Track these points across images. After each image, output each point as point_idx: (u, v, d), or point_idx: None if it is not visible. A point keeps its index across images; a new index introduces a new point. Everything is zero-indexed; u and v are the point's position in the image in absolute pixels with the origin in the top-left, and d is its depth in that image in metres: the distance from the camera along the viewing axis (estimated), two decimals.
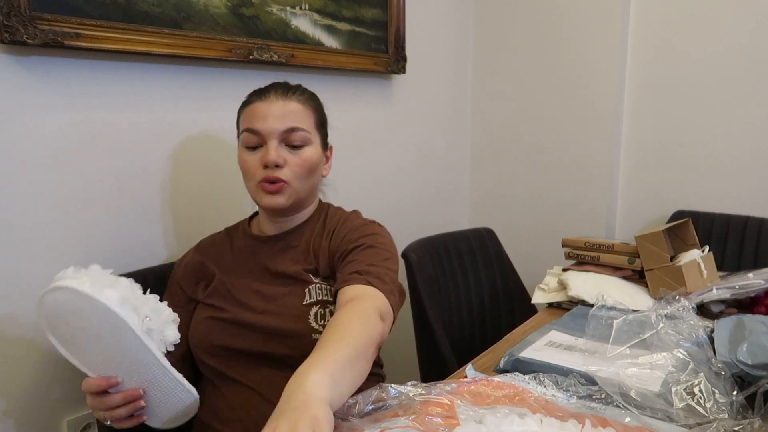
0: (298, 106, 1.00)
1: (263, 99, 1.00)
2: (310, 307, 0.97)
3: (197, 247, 1.13)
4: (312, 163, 1.01)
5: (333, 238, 1.03)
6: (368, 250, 0.97)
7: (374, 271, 0.93)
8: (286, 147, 0.99)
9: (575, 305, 1.30)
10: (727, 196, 1.88)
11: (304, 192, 1.03)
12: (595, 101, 2.00)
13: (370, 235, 1.01)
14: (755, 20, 1.77)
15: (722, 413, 0.77)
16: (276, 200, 0.99)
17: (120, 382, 0.81)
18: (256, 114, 0.99)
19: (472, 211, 2.34)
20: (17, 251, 1.07)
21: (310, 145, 1.01)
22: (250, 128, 0.99)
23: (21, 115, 1.06)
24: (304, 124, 1.00)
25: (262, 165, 0.98)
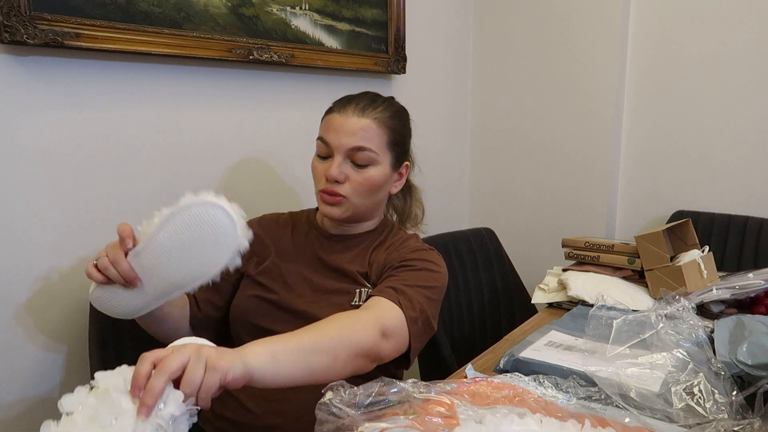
0: (371, 125, 1.00)
1: (341, 111, 1.01)
2: (355, 308, 0.96)
3: (260, 220, 1.14)
4: (374, 183, 1.01)
5: (390, 251, 1.04)
6: (416, 272, 0.98)
7: (409, 293, 0.92)
8: (351, 163, 1.00)
9: (575, 305, 1.30)
10: (727, 196, 1.88)
11: (364, 207, 1.04)
12: (595, 101, 2.00)
13: (425, 261, 1.01)
14: (755, 20, 1.77)
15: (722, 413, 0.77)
16: (332, 211, 1.01)
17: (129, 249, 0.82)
18: (331, 125, 1.01)
19: (472, 211, 2.34)
20: (17, 251, 1.07)
21: (376, 165, 1.01)
22: (322, 138, 1.01)
23: (21, 115, 1.06)
24: (372, 144, 1.00)
25: (325, 176, 1.00)
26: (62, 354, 1.15)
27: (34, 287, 1.10)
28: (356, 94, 1.06)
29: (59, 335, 1.15)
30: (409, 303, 0.91)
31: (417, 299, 0.92)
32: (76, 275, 1.15)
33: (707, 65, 1.86)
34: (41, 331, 1.12)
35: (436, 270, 1.01)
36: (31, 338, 1.11)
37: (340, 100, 1.04)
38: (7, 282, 1.07)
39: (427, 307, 0.94)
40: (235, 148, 1.42)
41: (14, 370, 1.09)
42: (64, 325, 1.15)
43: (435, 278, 0.99)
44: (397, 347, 0.88)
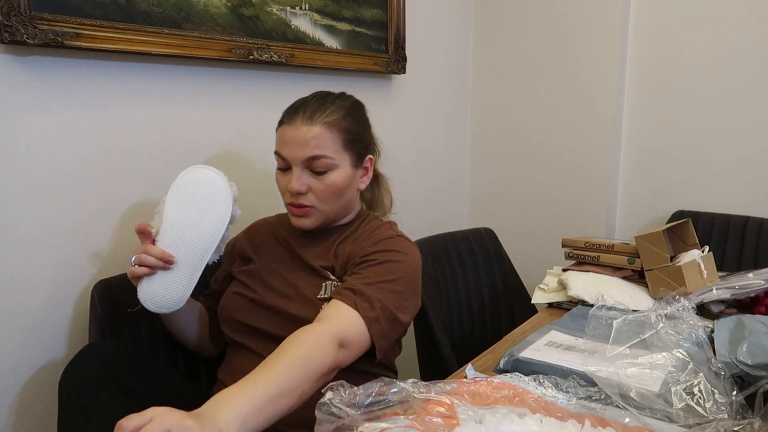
0: (322, 131, 0.99)
1: (290, 123, 1.00)
2: (323, 301, 1.00)
3: (247, 229, 1.19)
4: (337, 187, 1.01)
5: (355, 243, 1.04)
6: (377, 267, 0.97)
7: (368, 292, 0.92)
8: (310, 172, 1.00)
9: (575, 305, 1.30)
10: (727, 196, 1.88)
11: (334, 211, 1.05)
12: (595, 101, 2.00)
13: (388, 252, 1.00)
14: (755, 20, 1.77)
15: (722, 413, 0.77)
16: (302, 222, 1.03)
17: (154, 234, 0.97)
18: (283, 138, 1.01)
19: (472, 210, 2.34)
20: (17, 250, 1.07)
21: (335, 169, 1.01)
22: (277, 152, 1.02)
23: (21, 115, 1.06)
24: (326, 151, 0.99)
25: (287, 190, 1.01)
26: (62, 354, 1.15)
27: (34, 287, 1.10)
28: (304, 99, 1.04)
29: (59, 336, 1.15)
30: (368, 303, 0.90)
31: (377, 296, 0.92)
32: (77, 275, 1.15)
33: (707, 65, 1.86)
34: (41, 332, 1.12)
35: (401, 259, 1.00)
36: (30, 339, 1.11)
37: (288, 109, 1.03)
38: (7, 282, 1.07)
39: (390, 302, 0.93)
40: (235, 148, 1.42)
41: (13, 371, 1.09)
42: (65, 326, 1.15)
43: (400, 268, 0.98)
44: (357, 351, 0.89)
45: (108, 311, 1.09)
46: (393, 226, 1.11)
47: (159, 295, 0.97)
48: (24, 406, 1.11)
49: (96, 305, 1.08)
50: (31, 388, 1.11)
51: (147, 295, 0.97)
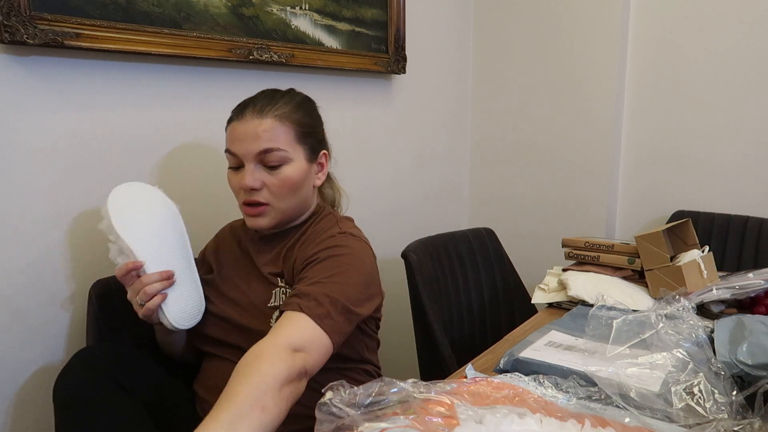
0: (274, 123, 0.96)
1: (240, 119, 0.97)
2: (273, 310, 0.99)
3: (216, 236, 1.17)
4: (292, 182, 0.98)
5: (302, 248, 1.01)
6: (319, 265, 0.93)
7: (313, 291, 0.88)
8: (264, 167, 0.97)
9: (575, 305, 1.30)
10: (727, 196, 1.88)
11: (290, 209, 1.02)
12: (595, 101, 2.00)
13: (331, 248, 0.96)
14: (754, 20, 1.77)
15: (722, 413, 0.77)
16: (258, 222, 1.00)
17: (143, 264, 0.93)
18: (233, 135, 0.98)
19: (472, 211, 2.34)
20: (16, 250, 1.07)
21: (289, 163, 0.98)
22: (228, 149, 0.99)
23: (21, 115, 1.06)
24: (279, 143, 0.96)
25: (240, 187, 0.98)
26: (60, 355, 1.15)
27: (33, 287, 1.10)
28: (251, 97, 1.01)
29: (57, 336, 1.15)
30: (314, 302, 0.87)
31: (322, 292, 0.88)
32: (76, 275, 1.15)
33: (707, 65, 1.86)
34: (39, 332, 1.12)
35: (344, 252, 0.96)
36: (28, 339, 1.11)
37: (238, 106, 1.00)
38: (6, 282, 1.07)
39: (338, 295, 0.89)
40: None
41: (11, 372, 1.09)
42: (62, 326, 1.15)
43: (344, 261, 0.94)
44: (320, 351, 0.85)
45: (106, 311, 1.09)
46: (343, 223, 1.06)
47: (186, 308, 0.98)
48: (22, 406, 1.11)
49: (93, 305, 1.08)
50: (29, 388, 1.11)
51: (175, 315, 0.96)
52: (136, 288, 0.93)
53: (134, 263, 0.92)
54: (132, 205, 0.95)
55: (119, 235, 0.92)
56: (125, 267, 0.92)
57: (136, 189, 0.98)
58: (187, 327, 0.99)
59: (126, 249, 0.92)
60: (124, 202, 0.94)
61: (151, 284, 0.92)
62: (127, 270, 0.92)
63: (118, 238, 0.92)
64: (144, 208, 0.97)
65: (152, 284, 0.92)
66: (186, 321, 0.99)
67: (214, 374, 1.02)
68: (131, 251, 0.92)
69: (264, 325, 0.97)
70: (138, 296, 0.93)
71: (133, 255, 0.92)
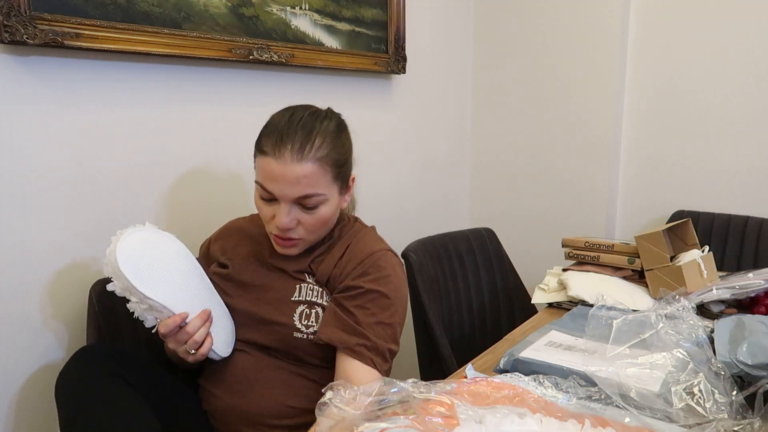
0: (313, 168, 0.92)
1: (277, 158, 0.91)
2: (297, 304, 1.00)
3: (220, 233, 1.16)
4: (326, 219, 0.99)
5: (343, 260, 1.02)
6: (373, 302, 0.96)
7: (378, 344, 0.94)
8: (300, 207, 0.95)
9: (575, 305, 1.30)
10: (727, 196, 1.88)
11: (319, 238, 1.03)
12: (595, 102, 2.00)
13: (378, 280, 0.98)
14: (752, 23, 1.77)
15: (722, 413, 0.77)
16: (288, 251, 1.01)
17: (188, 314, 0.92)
18: (269, 173, 0.93)
19: (472, 211, 2.34)
20: (16, 250, 1.07)
21: (325, 203, 0.97)
22: (263, 186, 0.95)
23: (21, 115, 1.06)
24: (318, 188, 0.94)
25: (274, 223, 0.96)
26: (60, 355, 1.15)
27: (33, 288, 1.10)
28: (285, 128, 0.93)
29: (57, 336, 1.15)
30: (381, 357, 0.94)
31: (383, 344, 0.95)
32: (76, 276, 1.15)
33: (707, 66, 1.86)
34: (39, 333, 1.12)
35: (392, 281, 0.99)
36: (28, 339, 1.11)
37: (271, 138, 0.93)
38: (6, 282, 1.07)
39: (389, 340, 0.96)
40: (235, 148, 1.42)
41: (11, 372, 1.09)
42: (62, 326, 1.15)
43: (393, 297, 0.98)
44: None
45: (106, 311, 1.09)
46: (374, 233, 1.09)
47: (227, 338, 1.00)
48: (22, 407, 1.11)
49: (94, 305, 1.08)
50: (30, 389, 1.11)
51: (220, 348, 0.98)
52: (182, 339, 0.92)
53: (181, 318, 0.91)
54: (143, 260, 0.91)
55: (148, 297, 0.88)
56: (173, 324, 0.90)
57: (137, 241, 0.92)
58: (229, 353, 1.01)
59: (158, 307, 0.90)
60: (135, 260, 0.89)
61: (197, 332, 0.92)
62: (176, 326, 0.91)
63: (145, 298, 0.89)
64: (156, 258, 0.93)
65: (198, 332, 0.93)
66: (229, 348, 1.00)
67: (223, 368, 1.02)
68: (165, 308, 0.90)
69: (287, 318, 0.98)
70: (187, 346, 0.93)
71: (168, 311, 0.91)
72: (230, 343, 1.01)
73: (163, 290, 0.91)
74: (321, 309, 1.00)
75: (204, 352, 0.94)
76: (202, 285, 0.99)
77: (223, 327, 1.00)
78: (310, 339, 0.97)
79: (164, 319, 0.91)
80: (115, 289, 0.89)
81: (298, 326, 0.98)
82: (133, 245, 0.90)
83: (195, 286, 0.97)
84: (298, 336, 0.98)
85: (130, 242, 0.90)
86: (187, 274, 0.97)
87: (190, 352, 0.93)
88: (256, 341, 1.01)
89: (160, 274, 0.92)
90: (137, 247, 0.91)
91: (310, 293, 1.01)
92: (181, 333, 0.92)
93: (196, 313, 0.94)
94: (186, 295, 0.94)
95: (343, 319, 0.95)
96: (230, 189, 1.41)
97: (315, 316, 0.99)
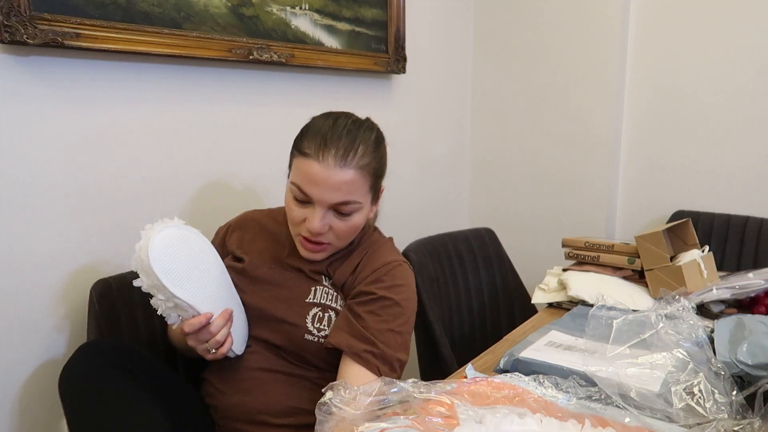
0: (355, 175, 0.93)
1: (321, 161, 0.91)
2: (311, 306, 1.00)
3: (238, 224, 1.15)
4: (357, 226, 0.99)
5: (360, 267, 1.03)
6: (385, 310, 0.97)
7: (386, 353, 0.94)
8: (334, 212, 0.95)
9: (575, 305, 1.30)
10: (727, 196, 1.88)
11: (345, 246, 1.03)
12: (595, 102, 2.00)
13: (391, 288, 0.99)
14: (752, 24, 1.77)
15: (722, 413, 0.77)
16: (314, 256, 1.01)
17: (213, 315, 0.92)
18: (310, 176, 0.92)
19: (472, 211, 2.34)
20: (17, 251, 1.07)
21: (359, 211, 0.97)
22: (301, 188, 0.94)
23: (21, 115, 1.06)
24: (356, 196, 0.95)
25: (306, 226, 0.96)
26: (61, 354, 1.15)
27: (33, 287, 1.10)
28: (330, 132, 0.94)
29: (58, 336, 1.15)
30: (388, 366, 0.94)
31: (391, 354, 0.94)
32: (76, 275, 1.15)
33: (706, 66, 1.86)
34: (40, 332, 1.12)
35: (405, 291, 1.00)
36: (29, 339, 1.11)
37: (315, 142, 0.93)
38: (6, 282, 1.07)
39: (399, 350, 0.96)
40: (235, 148, 1.42)
41: (12, 371, 1.09)
42: (63, 326, 1.15)
43: (406, 306, 0.99)
44: None
45: (106, 311, 1.09)
46: (392, 244, 1.10)
47: (243, 337, 1.01)
48: (23, 406, 1.11)
49: (95, 305, 1.08)
50: (30, 388, 1.11)
51: (237, 346, 0.99)
52: (203, 338, 0.92)
53: (206, 318, 0.91)
54: (174, 259, 0.90)
55: (176, 296, 0.88)
56: (198, 324, 0.90)
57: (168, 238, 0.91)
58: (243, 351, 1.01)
59: (185, 306, 0.90)
60: (166, 258, 0.89)
61: (219, 332, 0.92)
62: (201, 326, 0.90)
63: (173, 297, 0.88)
64: (187, 255, 0.93)
65: (220, 332, 0.92)
66: (243, 346, 1.01)
67: (230, 364, 1.02)
68: (192, 307, 0.90)
69: (299, 319, 0.98)
70: (208, 345, 0.93)
71: (194, 310, 0.91)
72: (245, 341, 1.02)
73: (191, 290, 0.91)
74: (334, 313, 1.00)
75: (224, 351, 0.94)
76: (224, 283, 0.99)
77: (239, 325, 1.00)
78: (321, 343, 0.97)
79: (188, 318, 0.91)
80: (142, 285, 0.89)
81: (310, 329, 0.98)
82: (165, 243, 0.89)
83: (218, 284, 0.97)
84: (309, 338, 0.98)
85: (161, 239, 0.89)
86: (211, 273, 0.97)
87: (210, 351, 0.93)
88: (265, 339, 1.01)
89: (189, 273, 0.92)
90: (168, 244, 0.90)
91: (324, 296, 1.01)
92: (203, 332, 0.92)
93: (218, 312, 0.94)
94: (210, 294, 0.94)
95: (353, 325, 0.95)
96: (230, 189, 1.41)
97: (328, 320, 0.99)
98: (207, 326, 0.91)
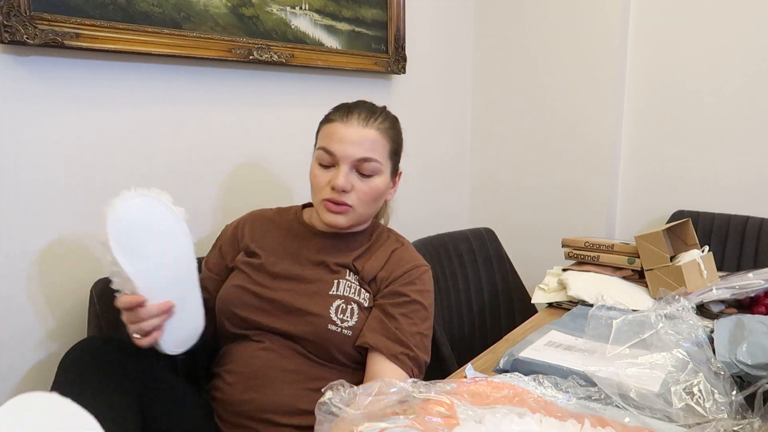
0: (377, 135, 1.02)
1: (345, 122, 1.02)
2: (334, 298, 1.01)
3: (248, 220, 1.16)
4: (378, 192, 1.04)
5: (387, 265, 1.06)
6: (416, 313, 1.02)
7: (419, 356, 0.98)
8: (357, 173, 1.02)
9: (575, 305, 1.30)
10: (727, 196, 1.88)
11: (366, 215, 1.06)
12: (595, 102, 2.00)
13: (422, 292, 1.04)
14: (751, 26, 1.77)
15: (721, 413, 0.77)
16: (337, 220, 1.03)
17: (145, 300, 0.87)
18: (335, 135, 1.01)
19: (472, 210, 2.35)
20: (16, 250, 1.07)
21: (380, 174, 1.04)
22: (326, 149, 1.01)
23: (21, 115, 1.06)
24: (377, 155, 1.02)
25: (330, 185, 1.01)
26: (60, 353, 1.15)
27: (33, 287, 1.10)
28: (353, 103, 1.06)
29: (58, 335, 1.15)
30: (418, 369, 0.98)
31: (424, 360, 0.99)
32: (76, 275, 1.15)
33: (706, 67, 1.86)
34: (39, 331, 1.12)
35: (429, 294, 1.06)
36: (29, 338, 1.11)
37: (340, 109, 1.05)
38: (6, 282, 1.07)
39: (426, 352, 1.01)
40: (235, 148, 1.42)
41: (11, 370, 1.09)
42: (63, 324, 1.15)
43: (429, 311, 1.05)
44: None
45: (106, 310, 1.09)
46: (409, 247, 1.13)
47: (182, 337, 0.96)
48: None
49: (95, 303, 1.08)
50: (30, 386, 1.11)
51: (172, 344, 0.94)
52: (131, 320, 0.90)
53: (137, 300, 0.87)
54: (134, 228, 0.87)
55: (122, 268, 0.85)
56: (127, 303, 0.88)
57: (137, 206, 0.88)
58: (177, 353, 0.96)
59: (125, 276, 0.86)
60: (125, 225, 0.86)
61: (148, 320, 0.88)
62: (130, 306, 0.88)
63: (120, 270, 0.85)
64: (147, 230, 0.88)
65: (149, 320, 0.89)
66: (179, 348, 0.96)
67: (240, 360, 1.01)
68: (133, 285, 0.87)
69: (322, 310, 0.99)
70: (131, 329, 0.90)
71: (134, 288, 0.87)
72: (184, 344, 0.96)
73: (137, 264, 0.86)
74: (357, 306, 1.01)
75: (145, 343, 0.90)
76: (185, 274, 0.95)
77: (182, 326, 0.95)
78: (345, 334, 0.98)
79: (126, 292, 0.88)
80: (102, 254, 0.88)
81: (334, 319, 0.98)
82: (129, 209, 0.87)
83: (175, 276, 0.92)
84: (332, 329, 0.98)
85: (127, 205, 0.86)
86: (172, 261, 0.91)
87: (134, 336, 0.91)
88: (286, 331, 1.00)
89: (144, 250, 0.87)
90: (134, 211, 0.87)
91: (347, 289, 1.03)
92: (131, 314, 0.89)
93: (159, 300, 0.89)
94: (160, 279, 0.89)
95: (388, 326, 0.98)
96: (231, 188, 1.41)
97: (351, 312, 1.00)
98: (137, 309, 0.88)
